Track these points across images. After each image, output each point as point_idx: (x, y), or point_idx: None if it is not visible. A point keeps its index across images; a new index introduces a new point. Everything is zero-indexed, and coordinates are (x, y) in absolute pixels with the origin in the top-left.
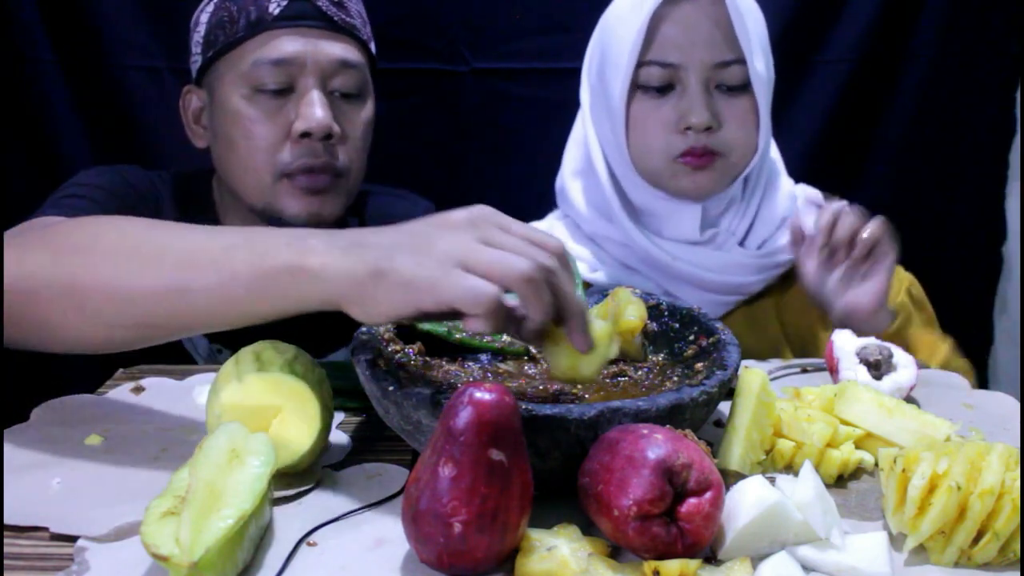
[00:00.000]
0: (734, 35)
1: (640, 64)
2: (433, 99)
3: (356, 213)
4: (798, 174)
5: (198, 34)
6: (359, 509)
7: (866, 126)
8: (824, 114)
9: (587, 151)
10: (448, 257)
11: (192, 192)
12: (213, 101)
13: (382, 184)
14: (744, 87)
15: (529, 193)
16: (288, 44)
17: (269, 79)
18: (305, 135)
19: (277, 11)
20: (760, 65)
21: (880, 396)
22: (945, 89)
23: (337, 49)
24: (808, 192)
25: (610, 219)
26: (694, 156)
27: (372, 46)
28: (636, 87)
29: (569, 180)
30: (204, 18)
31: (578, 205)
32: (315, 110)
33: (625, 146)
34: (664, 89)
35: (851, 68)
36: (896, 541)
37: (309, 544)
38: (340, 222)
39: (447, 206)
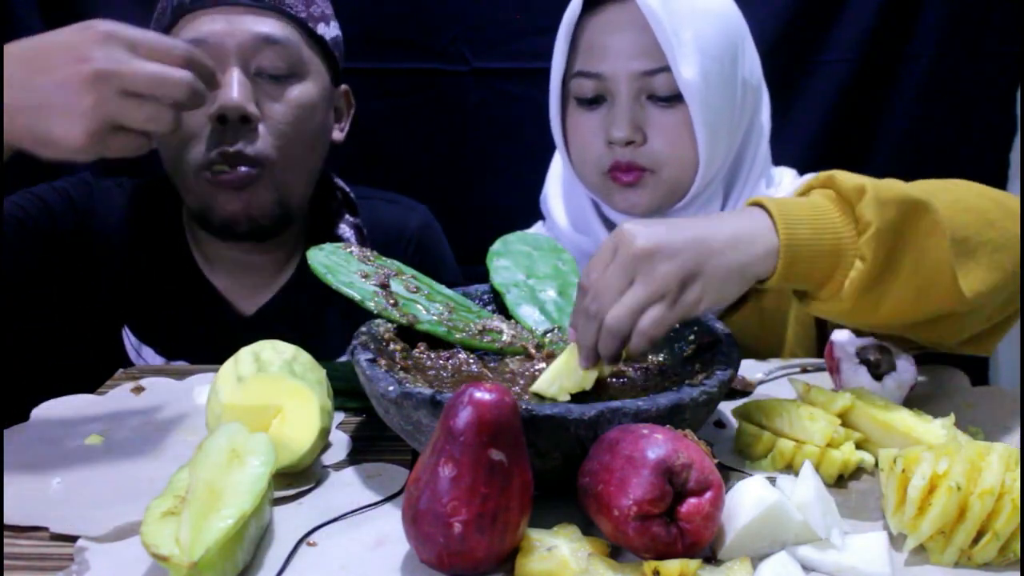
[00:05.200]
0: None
1: (573, 75)
2: (433, 99)
3: (351, 213)
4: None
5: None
6: (359, 509)
7: (866, 126)
8: (824, 114)
9: (566, 162)
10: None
11: (153, 199)
12: None
13: (377, 187)
14: (679, 96)
15: (529, 193)
16: (206, 24)
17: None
18: (221, 120)
19: None
20: (690, 72)
21: (886, 411)
22: (945, 89)
23: (261, 26)
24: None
25: (586, 231)
26: (621, 171)
27: (322, 27)
28: (573, 99)
29: (551, 190)
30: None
31: (557, 216)
32: (230, 92)
33: (568, 160)
34: (597, 100)
35: (851, 68)
36: (896, 541)
37: (309, 544)
38: (330, 232)
39: (447, 206)
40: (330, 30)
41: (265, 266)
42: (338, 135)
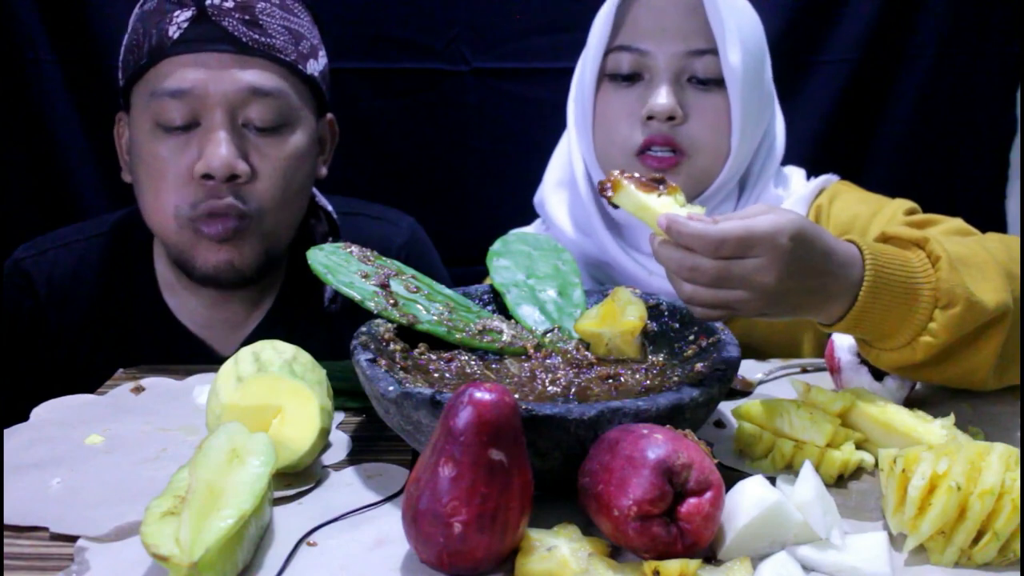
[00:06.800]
0: (708, 23)
1: (611, 50)
2: (433, 99)
3: (334, 237)
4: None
5: (120, 56)
6: (359, 509)
7: (866, 126)
8: (824, 114)
9: (570, 161)
10: None
11: (114, 250)
12: (130, 132)
13: (377, 186)
14: (718, 82)
15: (529, 193)
16: (189, 73)
17: (172, 113)
18: (207, 176)
19: (177, 35)
20: (735, 58)
21: (886, 411)
22: (945, 89)
23: (248, 76)
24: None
25: (588, 233)
26: (655, 154)
27: (311, 64)
28: (607, 76)
29: (550, 192)
30: (124, 39)
31: (558, 218)
32: (217, 149)
33: (591, 141)
34: (633, 78)
35: (851, 68)
36: (896, 541)
37: (309, 544)
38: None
39: (446, 206)
40: (318, 64)
41: (242, 301)
42: (322, 170)
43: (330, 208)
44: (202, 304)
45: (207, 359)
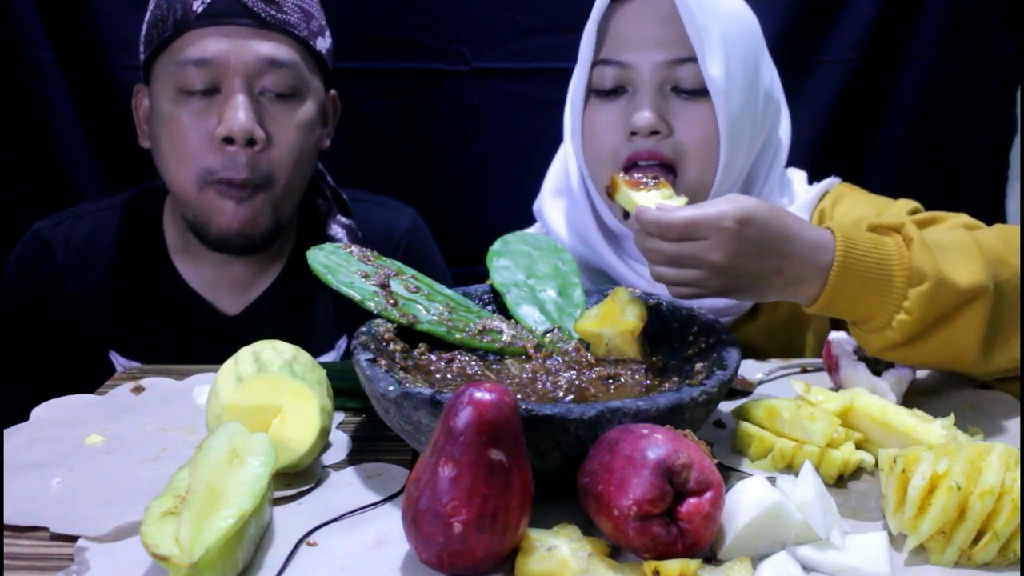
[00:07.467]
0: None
1: (595, 64)
2: (433, 99)
3: (344, 216)
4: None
5: (142, 32)
6: (359, 509)
7: (866, 127)
8: (824, 115)
9: (566, 170)
10: None
11: (125, 217)
12: (151, 102)
13: (377, 186)
14: (704, 91)
15: (529, 193)
16: (211, 43)
17: (193, 80)
18: (227, 140)
19: (201, 8)
20: (717, 67)
21: (886, 411)
22: (945, 89)
23: (265, 47)
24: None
25: (585, 241)
26: (639, 169)
27: (320, 42)
28: (593, 91)
29: (548, 199)
30: (147, 16)
31: (556, 226)
32: (237, 113)
33: (582, 156)
34: (617, 92)
35: (851, 68)
36: (896, 541)
37: (309, 544)
38: (321, 232)
39: (447, 206)
40: (325, 42)
41: (249, 266)
42: (326, 142)
43: (338, 189)
44: (209, 268)
45: (213, 320)
